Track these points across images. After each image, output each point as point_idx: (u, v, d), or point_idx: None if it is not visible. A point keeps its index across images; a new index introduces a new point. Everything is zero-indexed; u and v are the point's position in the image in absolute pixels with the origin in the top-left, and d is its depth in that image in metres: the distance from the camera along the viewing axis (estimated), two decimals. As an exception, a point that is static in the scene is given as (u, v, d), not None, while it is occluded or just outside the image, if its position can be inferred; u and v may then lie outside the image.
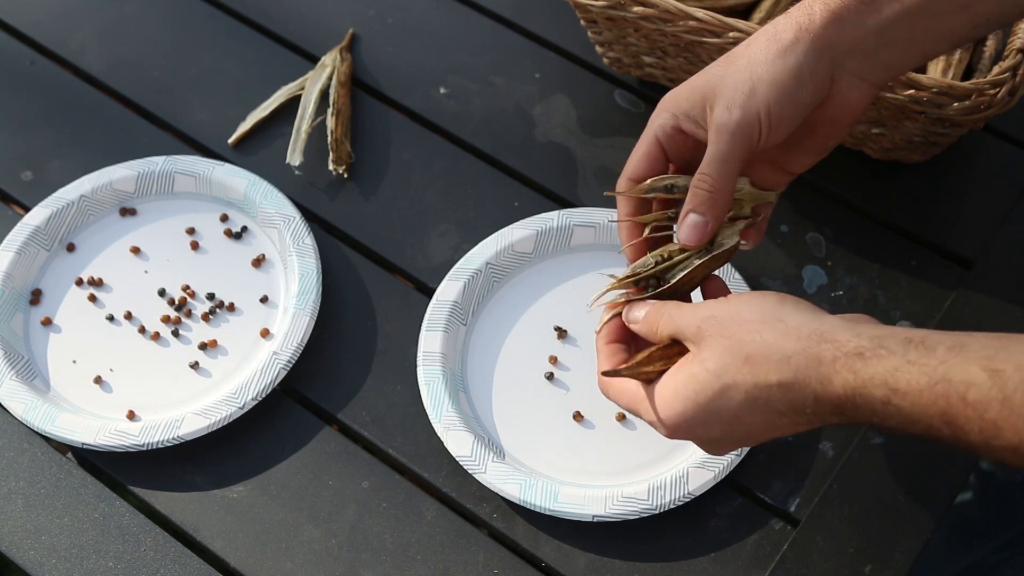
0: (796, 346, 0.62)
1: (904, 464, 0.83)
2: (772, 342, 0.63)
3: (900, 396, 0.59)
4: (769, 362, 0.63)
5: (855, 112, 0.72)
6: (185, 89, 1.06)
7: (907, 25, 0.70)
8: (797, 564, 0.80)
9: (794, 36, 0.69)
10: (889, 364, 0.59)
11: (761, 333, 0.64)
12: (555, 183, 0.99)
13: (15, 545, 0.84)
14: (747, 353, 0.64)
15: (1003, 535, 0.97)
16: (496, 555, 0.82)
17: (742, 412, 0.65)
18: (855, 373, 0.60)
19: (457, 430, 0.85)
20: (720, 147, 0.70)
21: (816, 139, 0.73)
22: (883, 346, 0.60)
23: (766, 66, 0.69)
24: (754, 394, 0.64)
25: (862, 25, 0.69)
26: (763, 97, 0.69)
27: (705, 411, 0.66)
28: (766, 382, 0.63)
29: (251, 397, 0.87)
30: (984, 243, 0.93)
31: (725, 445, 0.69)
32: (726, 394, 0.65)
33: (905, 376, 0.59)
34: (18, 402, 0.88)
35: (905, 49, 0.71)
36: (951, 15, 0.70)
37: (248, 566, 0.83)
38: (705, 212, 0.71)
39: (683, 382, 0.67)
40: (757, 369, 0.63)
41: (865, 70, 0.71)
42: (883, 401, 0.60)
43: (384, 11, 1.10)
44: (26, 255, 0.95)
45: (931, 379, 0.58)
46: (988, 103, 0.84)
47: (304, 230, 0.94)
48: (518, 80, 1.05)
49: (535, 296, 0.92)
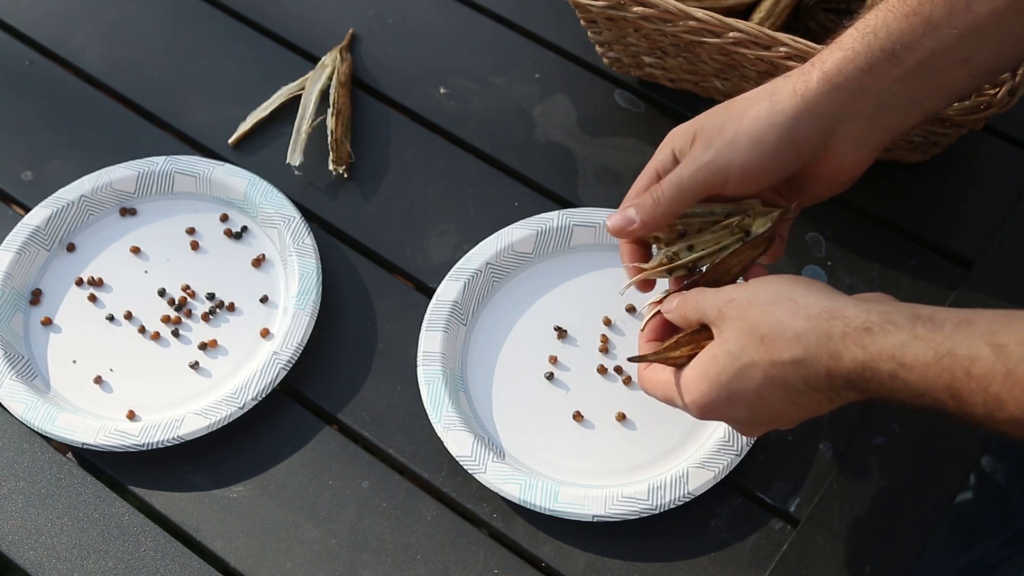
0: (807, 324, 0.65)
1: (904, 464, 0.83)
2: (784, 321, 0.65)
3: (907, 370, 0.61)
4: (782, 340, 0.65)
5: (852, 173, 0.74)
6: (185, 89, 1.06)
7: (905, 87, 0.71)
8: (797, 564, 0.80)
9: (788, 101, 0.71)
10: (896, 339, 0.61)
11: (774, 313, 0.66)
12: (555, 183, 0.99)
13: (15, 545, 0.84)
14: (762, 333, 0.66)
15: (1004, 532, 0.97)
16: (496, 555, 0.82)
17: (762, 390, 0.67)
18: (863, 348, 0.62)
19: (457, 430, 0.85)
20: (683, 172, 0.73)
21: (814, 188, 0.76)
22: (891, 321, 0.62)
23: (753, 123, 0.72)
24: (771, 372, 0.66)
25: (860, 92, 0.70)
26: (739, 151, 0.72)
27: (728, 390, 0.68)
28: (780, 360, 0.65)
29: (251, 397, 0.87)
30: (984, 243, 0.93)
31: (755, 426, 0.71)
32: (745, 373, 0.67)
33: (912, 351, 0.60)
34: (18, 402, 0.88)
35: (904, 112, 0.72)
36: (949, 70, 0.70)
37: (248, 566, 0.83)
38: (640, 214, 0.75)
39: (705, 363, 0.69)
40: (772, 348, 0.65)
41: (863, 135, 0.72)
42: (890, 375, 0.61)
43: (384, 11, 1.10)
44: (26, 255, 0.95)
45: (937, 353, 0.60)
46: (988, 103, 0.84)
47: (304, 230, 0.94)
48: (518, 80, 1.05)
49: (535, 296, 0.92)
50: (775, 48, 0.86)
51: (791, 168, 0.73)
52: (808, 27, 0.97)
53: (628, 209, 0.75)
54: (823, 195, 0.76)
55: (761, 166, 0.72)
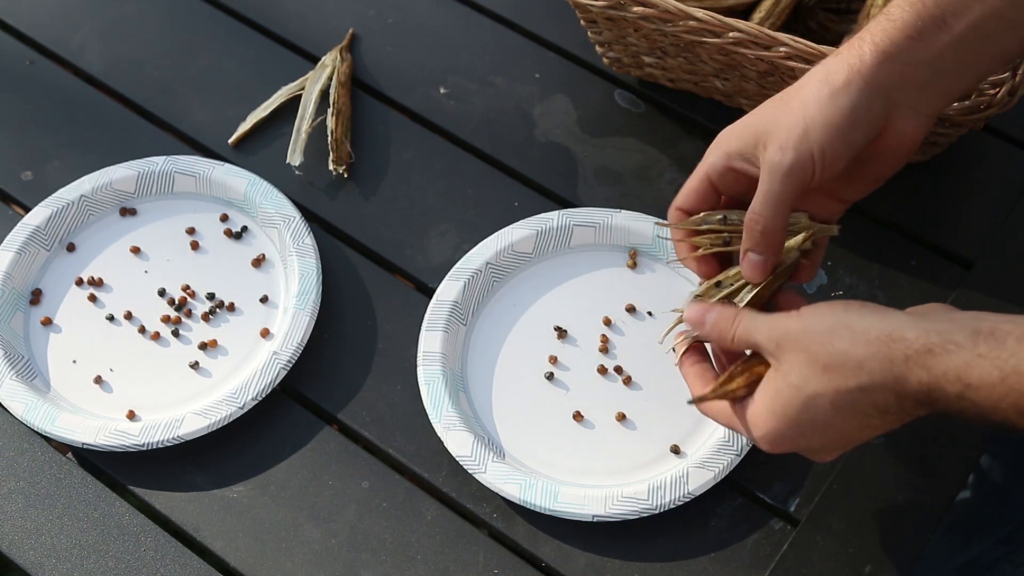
0: (867, 351, 0.64)
1: (904, 464, 0.83)
2: (845, 350, 0.65)
3: (973, 391, 0.60)
4: (845, 369, 0.64)
5: (911, 143, 0.72)
6: (185, 89, 1.06)
7: (957, 53, 0.70)
8: (797, 564, 0.80)
9: (846, 78, 0.70)
10: (960, 359, 0.61)
11: (833, 343, 0.65)
12: (555, 183, 0.99)
13: (15, 545, 0.84)
14: (823, 363, 0.65)
15: (1001, 530, 0.97)
16: (496, 555, 0.82)
17: (832, 419, 0.66)
18: (928, 370, 0.62)
19: (457, 430, 0.85)
20: (772, 187, 0.71)
21: (872, 170, 0.74)
22: (952, 340, 0.61)
23: (819, 108, 0.70)
24: (838, 401, 0.65)
25: (914, 60, 0.70)
26: (816, 139, 0.70)
27: (797, 424, 0.67)
28: (846, 388, 0.64)
29: (251, 397, 0.87)
30: (984, 243, 0.93)
31: (829, 451, 0.70)
32: (812, 404, 0.66)
33: (977, 371, 0.60)
34: (18, 402, 0.88)
35: (959, 76, 0.71)
36: (999, 36, 0.70)
37: (248, 566, 0.83)
38: (763, 251, 0.72)
39: (771, 399, 0.68)
40: (836, 377, 0.65)
41: (920, 103, 0.71)
42: (957, 396, 0.61)
43: (384, 11, 1.10)
44: (26, 255, 0.95)
45: (1002, 372, 0.59)
46: (988, 103, 0.84)
47: (304, 230, 0.94)
48: (518, 80, 1.05)
49: (535, 296, 0.92)
50: (775, 48, 0.86)
51: (859, 146, 0.71)
52: (808, 27, 0.97)
53: (748, 254, 0.73)
54: (883, 174, 0.74)
55: (837, 150, 0.70)
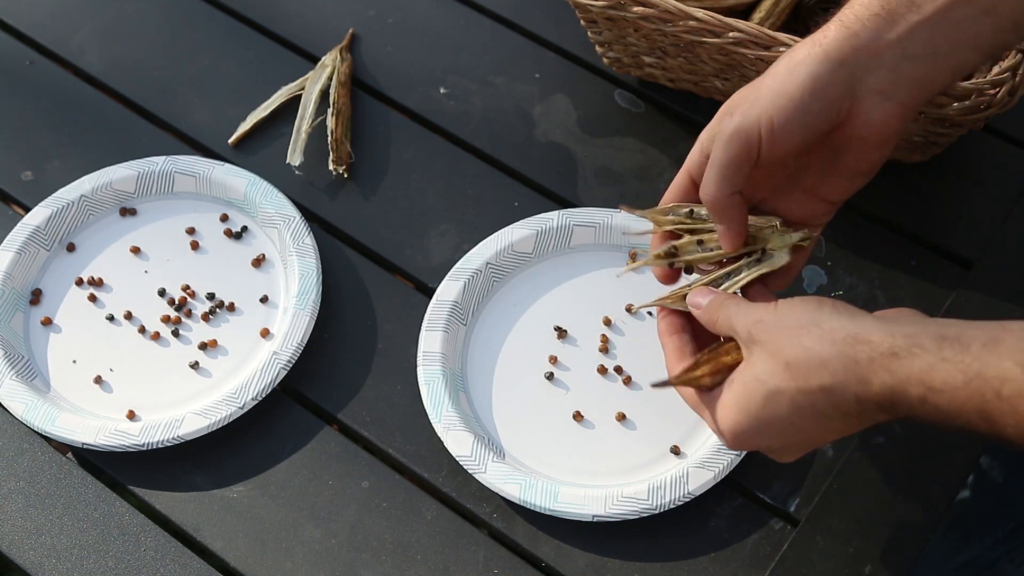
0: (832, 350, 0.63)
1: (904, 464, 0.83)
2: (810, 347, 0.64)
3: (936, 394, 0.60)
4: (809, 368, 0.64)
5: (882, 133, 0.70)
6: (185, 89, 1.06)
7: (927, 36, 0.69)
8: (797, 564, 0.80)
9: (807, 51, 0.69)
10: (924, 363, 0.60)
11: (800, 339, 0.65)
12: (555, 183, 0.99)
13: (15, 545, 0.84)
14: (787, 359, 0.65)
15: (1001, 529, 0.97)
16: (496, 555, 0.82)
17: (792, 418, 0.65)
18: (891, 373, 0.61)
19: (457, 430, 0.85)
20: (715, 153, 0.70)
21: (846, 162, 0.72)
22: (917, 344, 0.61)
23: (774, 78, 0.70)
24: (799, 400, 0.64)
25: (880, 39, 0.68)
26: (764, 105, 0.69)
27: (757, 420, 0.66)
28: (808, 387, 0.64)
29: (251, 397, 0.87)
30: (984, 243, 0.93)
31: (790, 452, 0.70)
32: (773, 400, 0.65)
33: (940, 374, 0.60)
34: (18, 402, 0.88)
35: (930, 63, 0.69)
36: (973, 22, 0.69)
37: (248, 566, 0.83)
38: (718, 220, 0.72)
39: (736, 391, 0.68)
40: (798, 375, 0.64)
41: (889, 87, 0.69)
42: (920, 399, 0.60)
43: (384, 11, 1.10)
44: (26, 255, 0.95)
45: (966, 376, 0.59)
46: (988, 103, 0.84)
47: (304, 230, 0.94)
48: (518, 80, 1.05)
49: (535, 296, 0.92)
50: (775, 48, 0.86)
51: (819, 122, 0.69)
52: (808, 27, 0.97)
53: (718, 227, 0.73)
54: (859, 168, 0.73)
55: (788, 119, 0.69)
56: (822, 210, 0.76)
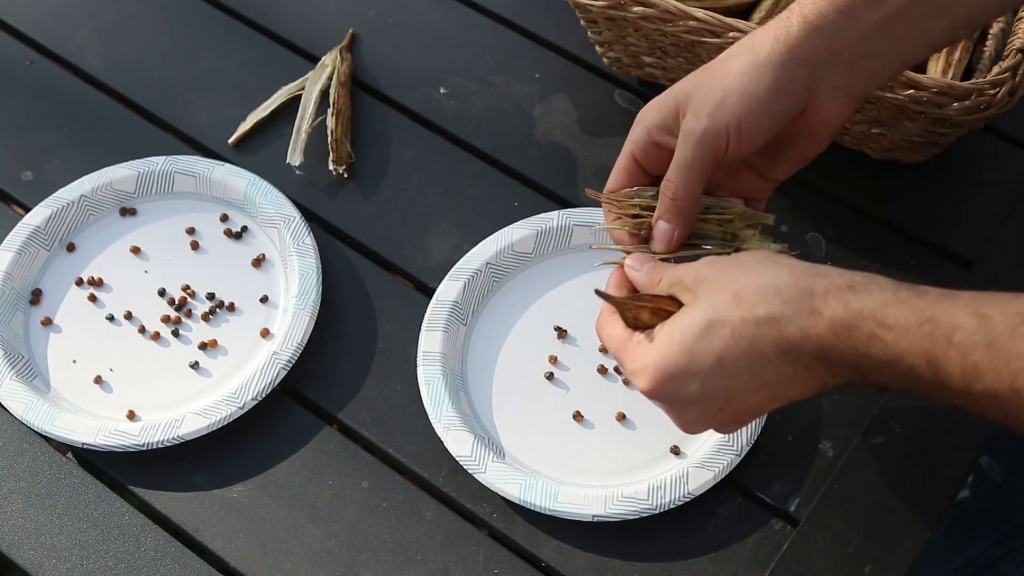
0: (788, 279, 0.63)
1: (904, 464, 0.83)
2: (765, 276, 0.63)
3: (886, 330, 0.59)
4: (759, 295, 0.63)
5: (834, 124, 0.72)
6: (185, 89, 1.06)
7: (886, 34, 0.70)
8: (797, 564, 0.80)
9: (770, 49, 0.69)
10: (879, 298, 0.60)
11: (756, 270, 0.64)
12: (555, 183, 0.99)
13: (15, 545, 0.84)
14: (737, 288, 0.63)
15: (1000, 529, 0.98)
16: (496, 555, 0.82)
17: (725, 354, 0.63)
18: (845, 305, 0.61)
19: (457, 430, 0.85)
20: (685, 154, 0.70)
21: (796, 149, 0.74)
22: (875, 282, 0.61)
23: (740, 77, 0.69)
24: (740, 331, 0.63)
25: (841, 36, 0.69)
26: (733, 108, 0.69)
27: (688, 353, 0.64)
28: (754, 316, 0.62)
29: (251, 397, 0.87)
30: (984, 243, 0.93)
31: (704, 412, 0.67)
32: (712, 331, 0.63)
33: (893, 312, 0.59)
34: (18, 402, 0.88)
35: (886, 58, 0.71)
36: (928, 19, 0.70)
37: (248, 566, 0.83)
38: (671, 219, 0.72)
39: (669, 325, 0.66)
40: (745, 303, 0.63)
41: (846, 83, 0.71)
42: (869, 335, 0.60)
43: (384, 11, 1.10)
44: (26, 255, 0.95)
45: (919, 318, 0.59)
46: (988, 103, 0.84)
47: (304, 230, 0.94)
48: (518, 80, 1.05)
49: (535, 296, 0.92)
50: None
51: (781, 120, 0.71)
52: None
53: (658, 223, 0.73)
54: (806, 155, 0.74)
55: (756, 121, 0.69)
56: (765, 187, 0.77)
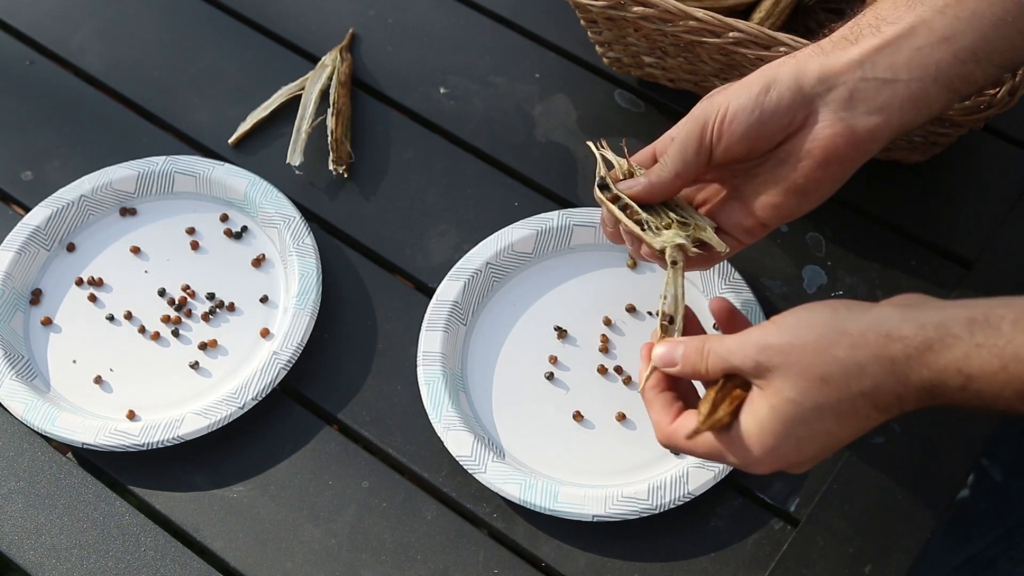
0: (867, 355, 0.63)
1: (904, 464, 0.83)
2: (844, 358, 0.64)
3: (975, 382, 0.60)
4: (847, 377, 0.64)
5: (825, 149, 0.71)
6: (185, 89, 1.06)
7: (886, 59, 0.70)
8: (797, 564, 0.80)
9: (779, 61, 0.73)
10: (959, 352, 0.61)
11: (830, 351, 0.64)
12: (555, 183, 0.99)
13: (15, 545, 0.84)
14: (820, 374, 0.64)
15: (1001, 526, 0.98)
16: (496, 555, 0.82)
17: (833, 427, 0.65)
18: (929, 367, 0.61)
19: (457, 430, 0.85)
20: (679, 131, 0.74)
21: (786, 171, 0.72)
22: (950, 334, 0.61)
23: (745, 78, 0.73)
24: (841, 409, 0.64)
25: (843, 58, 0.71)
26: (726, 95, 0.72)
27: (797, 438, 0.66)
28: (849, 395, 0.64)
29: (251, 397, 0.87)
30: (984, 243, 0.93)
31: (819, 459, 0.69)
32: (813, 417, 0.65)
33: (977, 362, 0.60)
34: (18, 402, 0.88)
35: (889, 88, 0.70)
36: (932, 49, 0.70)
37: (248, 566, 0.83)
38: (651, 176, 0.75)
39: (766, 418, 0.66)
40: (838, 387, 0.64)
41: (846, 109, 0.71)
42: (960, 388, 0.61)
43: (384, 11, 1.10)
44: (26, 255, 0.95)
45: (1002, 360, 0.59)
46: (988, 103, 0.84)
47: (304, 230, 0.94)
48: (518, 80, 1.05)
49: (535, 296, 0.92)
50: (775, 48, 0.86)
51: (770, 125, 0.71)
52: (808, 27, 0.97)
53: (639, 177, 0.75)
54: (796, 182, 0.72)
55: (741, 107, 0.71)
56: (751, 226, 0.76)
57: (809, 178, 0.72)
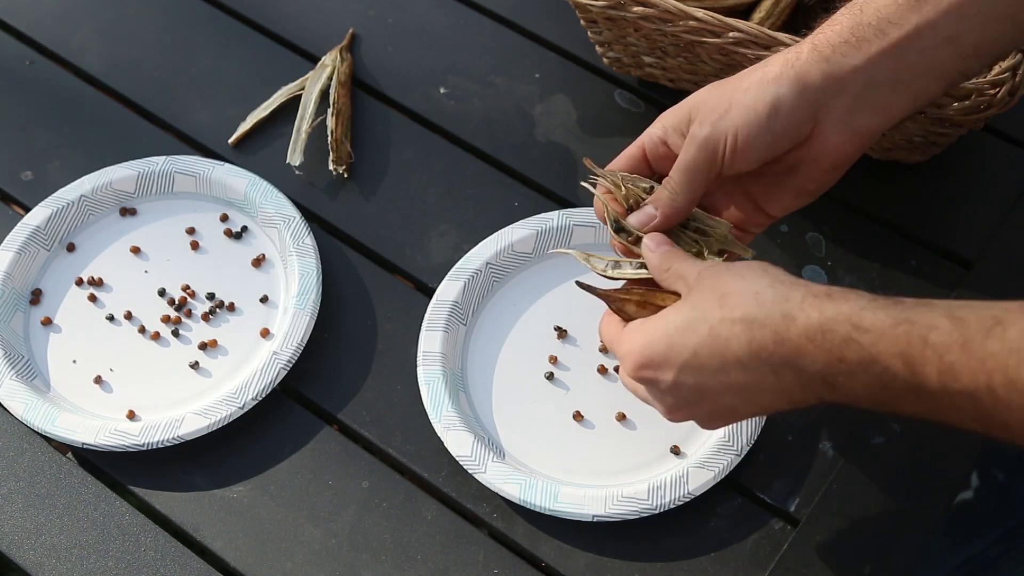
0: (769, 284, 0.65)
1: (904, 464, 0.83)
2: (750, 279, 0.66)
3: (862, 332, 0.60)
4: (740, 296, 0.65)
5: (834, 157, 0.73)
6: (185, 89, 1.06)
7: (892, 63, 0.70)
8: (797, 564, 0.80)
9: (779, 70, 0.71)
10: (855, 304, 0.62)
11: (744, 274, 0.66)
12: (555, 183, 0.99)
13: (15, 545, 0.84)
14: (724, 291, 0.66)
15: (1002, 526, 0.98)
16: (496, 555, 0.82)
17: (700, 350, 0.65)
18: (820, 311, 0.62)
19: (457, 430, 0.85)
20: (686, 156, 0.73)
21: (796, 180, 0.74)
22: (852, 292, 0.63)
23: (746, 93, 0.72)
24: (717, 329, 0.65)
25: (848, 64, 0.70)
26: (733, 119, 0.71)
27: (666, 344, 0.67)
28: (731, 316, 0.65)
29: (251, 397, 0.87)
30: (984, 243, 0.93)
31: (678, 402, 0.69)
32: (691, 328, 0.66)
33: (870, 315, 0.61)
34: (18, 402, 0.88)
35: (891, 90, 0.71)
36: (936, 50, 0.70)
37: (248, 566, 0.83)
38: (659, 208, 0.74)
39: (656, 319, 0.69)
40: (727, 304, 0.65)
41: (852, 115, 0.71)
42: (844, 338, 0.61)
43: (384, 11, 1.10)
44: (26, 255, 0.95)
45: (895, 320, 0.60)
46: (988, 103, 0.84)
47: (304, 230, 0.94)
48: (518, 80, 1.05)
49: (535, 296, 0.92)
50: (775, 48, 0.86)
51: (781, 142, 0.72)
52: (808, 27, 0.96)
53: (647, 207, 0.75)
54: (806, 188, 0.75)
55: (753, 135, 0.71)
56: (758, 220, 0.77)
57: (819, 183, 0.74)
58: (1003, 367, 0.55)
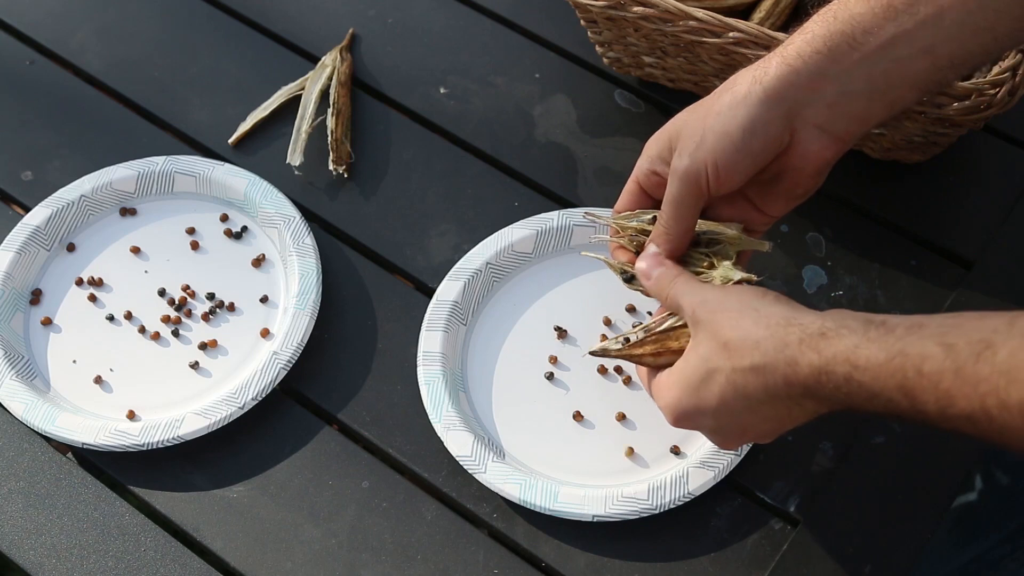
0: (765, 332, 0.66)
1: (904, 464, 0.83)
2: (746, 328, 0.67)
3: (860, 371, 0.61)
4: (743, 347, 0.66)
5: (816, 163, 0.73)
6: (185, 89, 1.06)
7: (866, 73, 0.70)
8: (797, 564, 0.80)
9: (747, 89, 0.71)
10: (850, 342, 0.62)
11: (738, 321, 0.67)
12: (555, 183, 0.99)
13: (15, 545, 0.84)
14: (725, 340, 0.67)
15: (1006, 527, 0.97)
16: (496, 555, 0.82)
17: (725, 397, 0.68)
18: (819, 353, 0.63)
19: (457, 430, 0.85)
20: (671, 190, 0.74)
21: (784, 186, 0.75)
22: (845, 326, 0.63)
23: (718, 117, 0.72)
24: (732, 379, 0.67)
25: (820, 75, 0.70)
26: (710, 147, 0.72)
27: (697, 396, 0.69)
28: (741, 367, 0.66)
29: (251, 397, 0.87)
30: (984, 243, 0.93)
31: (726, 437, 0.72)
32: (711, 379, 0.68)
33: (864, 352, 0.61)
34: (18, 402, 0.88)
35: (867, 100, 0.71)
36: (912, 60, 0.70)
37: (248, 566, 0.83)
38: (661, 244, 0.76)
39: (678, 368, 0.71)
40: (733, 355, 0.67)
41: (826, 121, 0.71)
42: (845, 377, 0.62)
43: (384, 11, 1.10)
44: (26, 255, 0.95)
45: (888, 354, 0.60)
46: (988, 103, 0.84)
47: (304, 230, 0.94)
48: (518, 80, 1.05)
49: (535, 296, 0.92)
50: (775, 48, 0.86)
51: (761, 159, 0.72)
52: (808, 27, 0.97)
53: (649, 247, 0.76)
54: (795, 191, 0.75)
55: (731, 160, 0.71)
56: (761, 219, 0.78)
57: (805, 186, 0.75)
58: (995, 390, 0.56)
